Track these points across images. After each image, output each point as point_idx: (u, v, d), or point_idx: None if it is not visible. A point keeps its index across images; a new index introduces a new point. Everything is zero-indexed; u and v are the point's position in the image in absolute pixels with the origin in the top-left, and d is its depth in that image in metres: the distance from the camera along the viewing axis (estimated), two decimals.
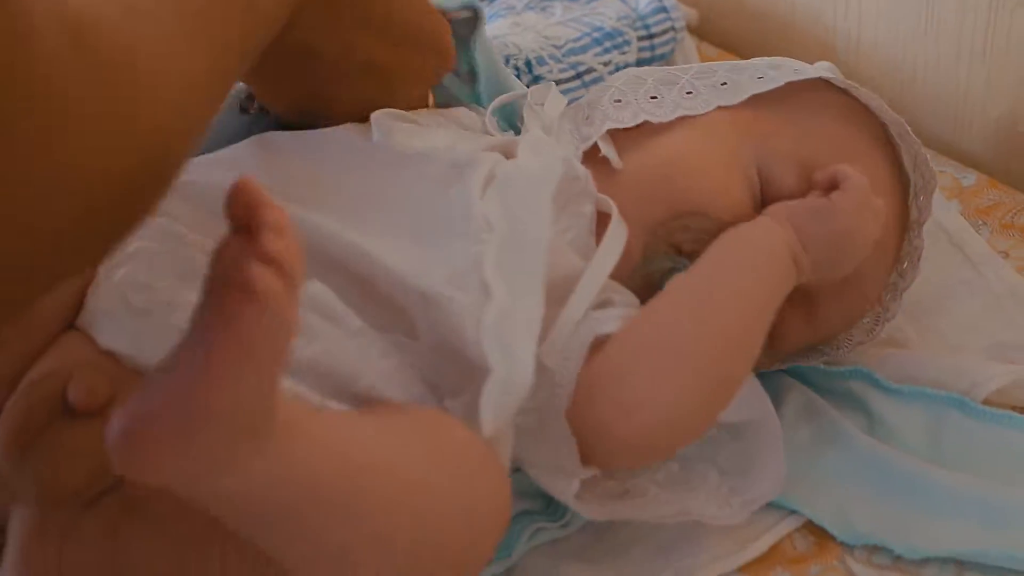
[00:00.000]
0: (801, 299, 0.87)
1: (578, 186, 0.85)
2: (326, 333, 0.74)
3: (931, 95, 1.19)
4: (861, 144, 0.90)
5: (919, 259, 0.93)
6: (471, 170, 0.82)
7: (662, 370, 0.78)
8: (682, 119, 0.90)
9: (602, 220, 0.85)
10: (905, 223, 0.92)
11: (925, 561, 0.83)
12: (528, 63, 1.14)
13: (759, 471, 0.84)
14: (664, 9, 1.25)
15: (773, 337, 0.84)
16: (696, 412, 0.79)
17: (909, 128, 0.90)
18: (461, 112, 0.93)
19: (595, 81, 1.16)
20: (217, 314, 0.58)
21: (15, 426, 0.69)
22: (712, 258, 0.82)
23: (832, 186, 0.85)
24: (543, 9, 1.28)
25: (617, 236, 0.83)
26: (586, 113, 0.93)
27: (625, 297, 0.83)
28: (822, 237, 0.83)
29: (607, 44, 1.20)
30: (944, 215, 1.08)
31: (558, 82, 1.13)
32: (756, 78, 0.90)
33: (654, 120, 0.90)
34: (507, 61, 1.13)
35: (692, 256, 0.83)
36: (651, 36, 1.24)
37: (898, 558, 0.83)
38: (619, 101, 0.92)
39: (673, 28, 1.25)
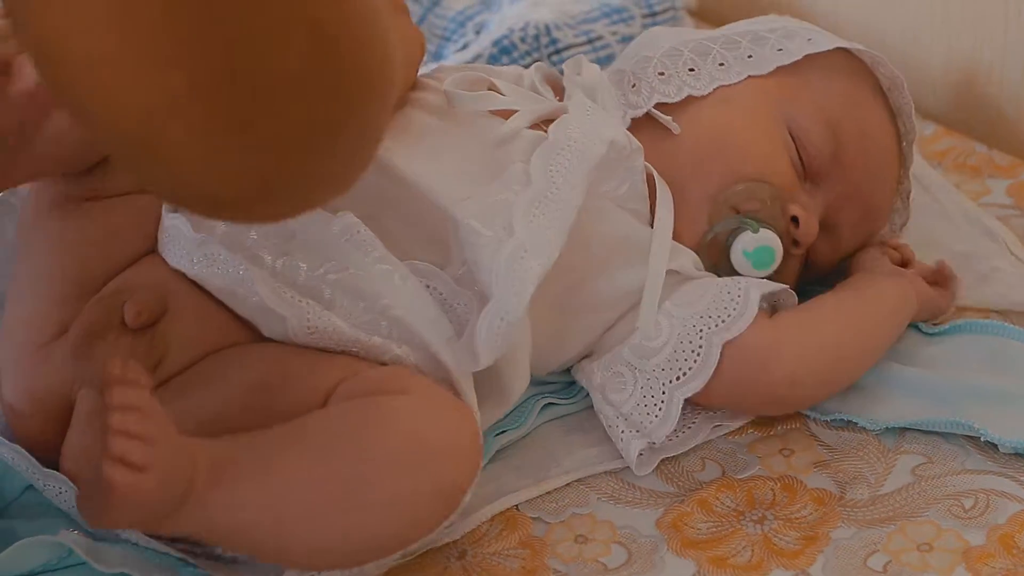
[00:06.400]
0: (827, 229, 1.01)
1: (625, 152, 0.94)
2: (354, 259, 0.88)
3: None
4: (866, 96, 1.02)
5: (908, 197, 1.07)
6: (517, 139, 0.94)
7: (828, 360, 0.96)
8: (719, 89, 1.00)
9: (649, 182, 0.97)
10: (901, 162, 1.05)
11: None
12: (547, 28, 1.31)
13: None
14: None
15: (809, 264, 1.02)
16: (830, 391, 0.97)
17: (905, 84, 1.02)
18: (512, 70, 1.05)
19: (604, 47, 1.32)
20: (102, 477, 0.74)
21: (82, 331, 0.87)
22: (858, 289, 1.00)
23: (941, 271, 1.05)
24: None
25: (666, 197, 0.96)
26: (632, 81, 1.01)
27: (687, 260, 0.96)
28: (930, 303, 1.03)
29: (615, 17, 1.36)
30: None
31: (571, 46, 1.30)
32: (777, 50, 1.01)
33: (696, 94, 0.99)
34: (526, 27, 1.30)
35: (750, 214, 0.97)
36: (654, 14, 1.39)
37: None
38: (663, 74, 1.00)
39: (673, 7, 1.41)
